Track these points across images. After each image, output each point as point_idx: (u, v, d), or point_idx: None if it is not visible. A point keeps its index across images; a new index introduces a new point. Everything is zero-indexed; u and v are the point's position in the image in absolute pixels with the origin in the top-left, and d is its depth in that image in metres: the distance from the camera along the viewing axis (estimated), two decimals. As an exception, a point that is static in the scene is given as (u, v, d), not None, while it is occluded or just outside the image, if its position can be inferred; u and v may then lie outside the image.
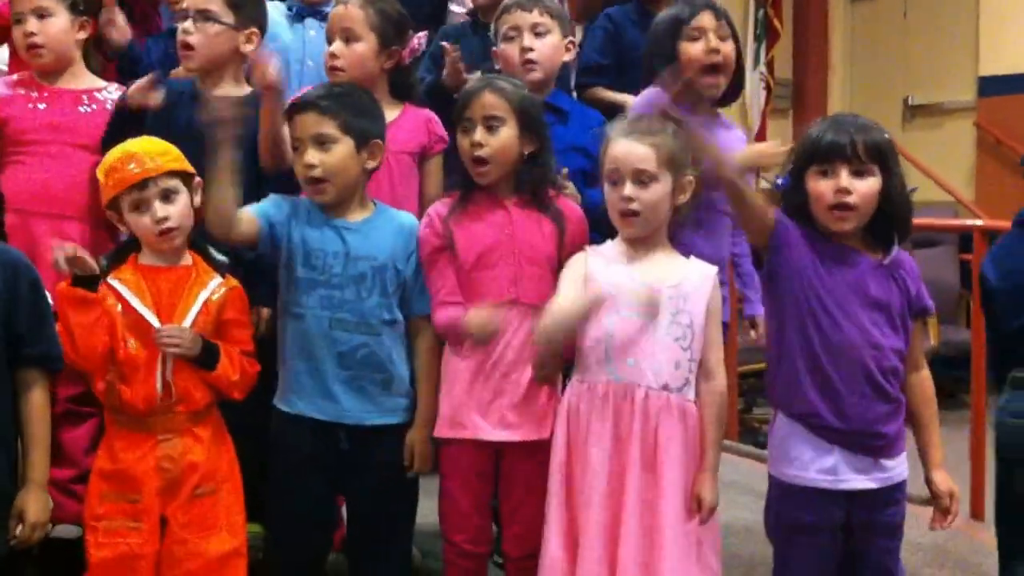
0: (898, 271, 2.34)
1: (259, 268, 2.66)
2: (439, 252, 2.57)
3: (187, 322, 2.41)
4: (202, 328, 2.43)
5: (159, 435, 2.40)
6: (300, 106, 2.52)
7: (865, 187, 2.27)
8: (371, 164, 2.55)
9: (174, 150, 2.48)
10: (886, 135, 2.32)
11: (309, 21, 3.34)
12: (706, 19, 2.76)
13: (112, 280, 2.42)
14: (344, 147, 2.48)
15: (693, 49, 2.76)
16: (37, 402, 2.30)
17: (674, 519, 2.32)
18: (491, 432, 2.52)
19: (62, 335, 2.33)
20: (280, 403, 2.55)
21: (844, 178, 2.25)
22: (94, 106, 2.98)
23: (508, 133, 2.54)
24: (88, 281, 2.31)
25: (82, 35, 3.03)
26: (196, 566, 2.41)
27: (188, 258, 2.50)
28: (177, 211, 2.42)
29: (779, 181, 2.52)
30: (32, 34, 2.92)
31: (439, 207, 2.62)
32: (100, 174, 2.48)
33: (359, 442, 2.51)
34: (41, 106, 2.95)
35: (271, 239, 2.51)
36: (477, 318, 2.45)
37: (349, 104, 2.52)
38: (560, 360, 2.53)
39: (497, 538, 2.75)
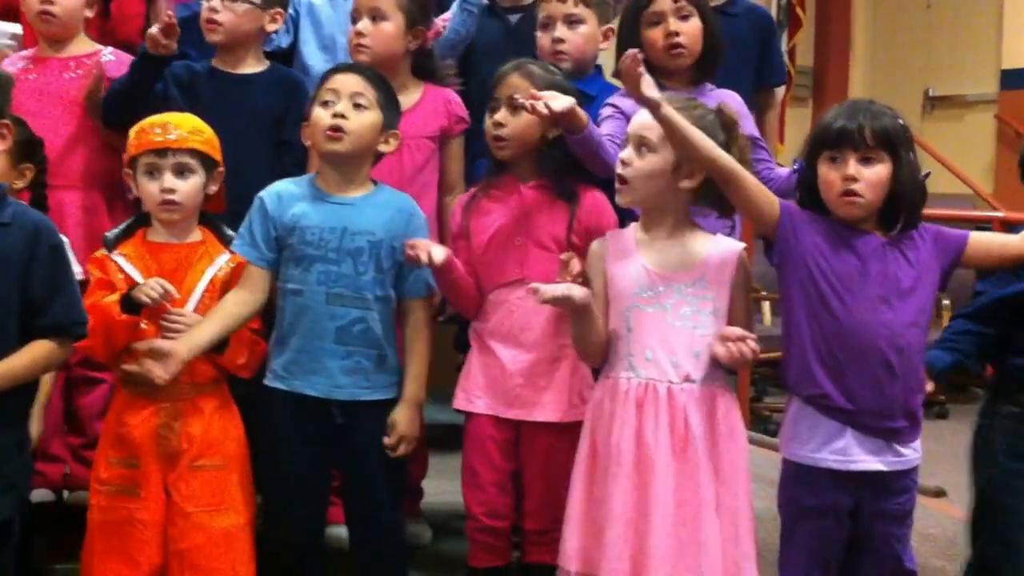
0: (907, 242, 2.33)
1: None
2: (456, 240, 2.63)
3: (194, 297, 2.44)
4: (208, 305, 2.45)
5: (161, 402, 2.43)
6: (345, 68, 2.65)
7: (872, 174, 2.27)
8: (384, 148, 2.60)
9: (208, 133, 2.51)
10: (899, 121, 2.32)
11: None
12: (664, 2, 2.77)
13: (117, 256, 2.45)
14: (375, 116, 2.56)
15: (653, 34, 2.78)
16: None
17: (708, 504, 2.30)
18: (504, 409, 2.55)
19: (97, 335, 2.34)
20: (274, 381, 2.55)
21: (851, 166, 2.26)
22: (80, 71, 3.02)
23: (529, 116, 2.54)
24: (137, 305, 2.36)
25: (89, 13, 3.09)
26: (200, 539, 2.42)
27: (197, 234, 2.53)
28: (186, 188, 2.45)
29: (796, 165, 2.52)
30: (48, 2, 2.96)
31: (464, 197, 2.68)
32: (132, 132, 2.52)
33: (352, 416, 2.52)
34: (32, 76, 3.00)
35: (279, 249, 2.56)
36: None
37: (385, 89, 2.61)
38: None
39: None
